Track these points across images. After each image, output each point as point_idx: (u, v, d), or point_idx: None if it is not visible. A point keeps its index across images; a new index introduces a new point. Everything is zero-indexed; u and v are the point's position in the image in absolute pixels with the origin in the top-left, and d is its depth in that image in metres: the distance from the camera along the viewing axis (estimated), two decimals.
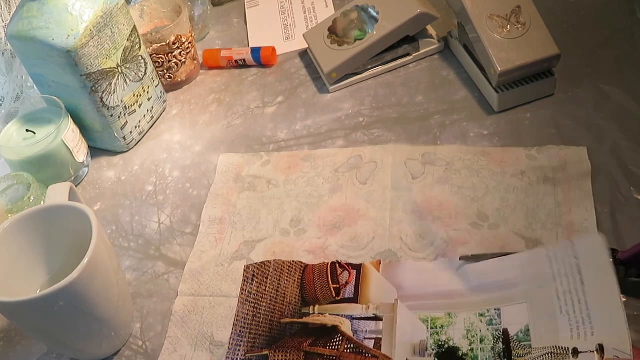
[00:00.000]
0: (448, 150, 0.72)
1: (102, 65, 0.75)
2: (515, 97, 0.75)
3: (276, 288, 0.64)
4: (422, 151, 0.73)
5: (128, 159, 0.83)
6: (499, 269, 0.58)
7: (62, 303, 0.54)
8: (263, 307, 0.63)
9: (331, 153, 0.76)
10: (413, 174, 0.71)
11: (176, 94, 0.90)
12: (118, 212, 0.76)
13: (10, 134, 0.78)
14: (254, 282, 0.64)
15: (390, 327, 0.58)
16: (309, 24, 0.95)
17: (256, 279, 0.65)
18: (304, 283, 0.63)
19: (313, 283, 0.63)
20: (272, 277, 0.64)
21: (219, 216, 0.72)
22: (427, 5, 0.82)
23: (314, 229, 0.68)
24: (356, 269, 0.63)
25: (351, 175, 0.72)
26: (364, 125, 0.78)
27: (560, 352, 0.51)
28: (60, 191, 0.62)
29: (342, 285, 0.63)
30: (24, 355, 0.65)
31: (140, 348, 0.63)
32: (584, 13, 0.85)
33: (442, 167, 0.71)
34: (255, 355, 0.59)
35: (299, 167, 0.75)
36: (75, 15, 0.72)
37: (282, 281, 0.64)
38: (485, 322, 0.56)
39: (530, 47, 0.72)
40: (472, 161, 0.71)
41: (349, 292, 0.62)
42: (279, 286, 0.64)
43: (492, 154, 0.71)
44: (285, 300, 0.63)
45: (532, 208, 0.65)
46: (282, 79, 0.88)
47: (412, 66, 0.84)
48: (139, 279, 0.69)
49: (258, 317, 0.62)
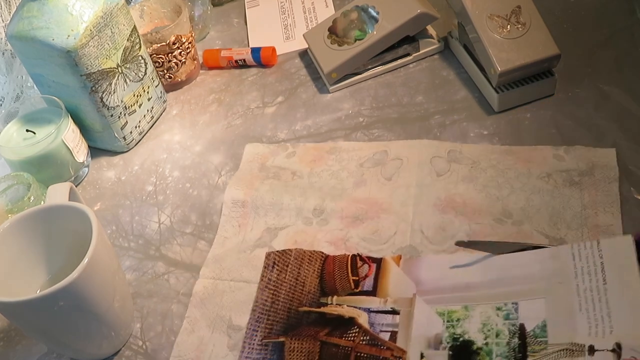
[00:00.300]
0: (474, 149, 0.72)
1: (102, 65, 0.75)
2: (515, 97, 0.75)
3: (296, 276, 0.64)
4: (448, 148, 0.72)
5: (128, 159, 0.83)
6: (519, 262, 0.58)
7: (62, 303, 0.54)
8: (282, 294, 0.63)
9: (356, 147, 0.75)
10: (438, 171, 0.70)
11: (176, 94, 0.90)
12: (118, 212, 0.76)
13: (10, 134, 0.78)
14: (275, 270, 0.65)
15: (406, 320, 0.58)
16: (309, 24, 0.95)
17: (277, 266, 0.65)
18: (323, 273, 0.64)
19: (333, 274, 0.63)
20: (293, 265, 0.65)
21: (241, 199, 0.72)
22: (427, 5, 0.82)
23: (336, 220, 0.68)
24: (376, 263, 0.63)
25: (376, 171, 0.72)
26: (364, 125, 0.78)
27: (576, 349, 0.51)
28: (60, 191, 0.62)
29: (361, 278, 0.63)
30: (24, 355, 0.65)
31: (140, 348, 0.63)
32: (584, 13, 0.85)
33: (467, 165, 0.70)
34: (271, 341, 0.60)
35: (323, 159, 0.75)
36: (75, 15, 0.72)
37: (302, 270, 0.64)
38: (502, 316, 0.56)
39: (530, 47, 0.72)
40: (498, 160, 0.70)
41: (368, 285, 0.62)
42: (298, 275, 0.64)
43: (519, 152, 0.70)
44: (304, 289, 0.63)
45: (558, 209, 0.64)
46: (282, 79, 0.88)
47: (412, 66, 0.84)
48: (139, 279, 0.69)
49: (276, 304, 0.62)
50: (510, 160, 0.69)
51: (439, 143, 0.73)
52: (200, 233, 0.72)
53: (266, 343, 0.60)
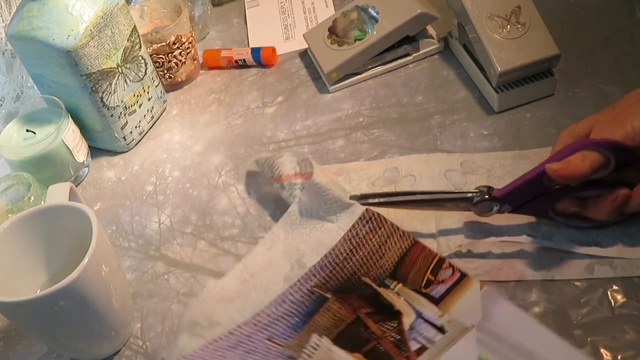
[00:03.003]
0: (487, 158, 0.70)
1: (102, 65, 0.75)
2: (515, 97, 0.75)
3: (380, 244, 0.62)
4: (460, 160, 0.70)
5: (128, 159, 0.83)
6: None
7: (62, 303, 0.54)
8: (358, 255, 0.61)
9: (364, 166, 0.72)
10: (455, 185, 0.68)
11: (176, 94, 0.90)
12: (118, 212, 0.76)
13: (10, 134, 0.78)
14: (366, 226, 0.63)
15: (444, 344, 0.56)
16: (309, 24, 0.95)
17: (369, 224, 0.63)
18: (405, 256, 0.61)
19: (413, 261, 0.61)
20: (383, 232, 0.62)
21: None
22: (427, 5, 0.82)
23: None
24: (459, 275, 0.59)
25: (390, 189, 0.70)
26: (364, 125, 0.78)
27: None
28: (60, 191, 0.62)
29: (436, 281, 0.59)
30: (24, 355, 0.65)
31: (140, 348, 0.63)
32: (584, 13, 0.85)
33: (483, 175, 0.68)
34: (319, 292, 0.59)
35: None
36: (75, 15, 0.72)
37: (389, 242, 0.62)
38: None
39: (530, 47, 0.72)
40: (512, 166, 0.68)
41: (438, 291, 0.59)
42: (383, 244, 0.62)
43: (531, 156, 0.69)
44: (379, 262, 0.61)
45: None
46: (282, 79, 0.88)
47: (412, 66, 0.84)
48: (139, 279, 0.69)
49: (347, 262, 0.61)
50: (524, 164, 0.68)
51: (449, 156, 0.71)
52: (200, 233, 0.72)
53: (314, 291, 0.59)
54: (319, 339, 0.58)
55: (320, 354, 0.57)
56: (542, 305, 0.57)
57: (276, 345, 0.58)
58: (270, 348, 0.58)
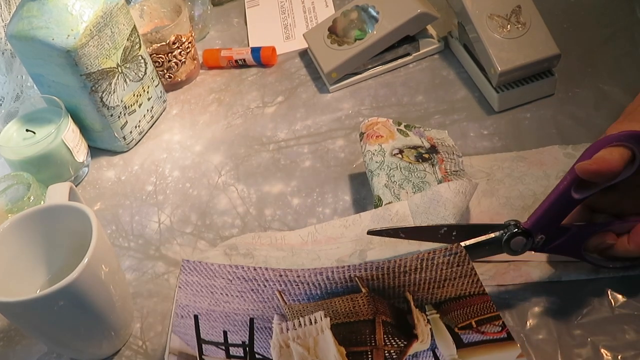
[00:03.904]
0: (483, 160, 0.70)
1: (102, 65, 0.75)
2: (515, 97, 0.75)
3: (446, 278, 0.56)
4: None
5: (128, 158, 0.83)
6: None
7: (62, 303, 0.54)
8: (418, 275, 0.56)
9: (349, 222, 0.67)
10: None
11: (176, 94, 0.90)
12: (118, 212, 0.76)
13: (10, 134, 0.78)
14: (446, 258, 0.56)
15: None
16: (309, 23, 0.95)
17: (451, 257, 0.56)
18: (463, 299, 0.56)
19: (467, 305, 0.55)
20: (457, 271, 0.56)
21: None
22: (427, 5, 0.82)
23: None
24: (504, 337, 0.53)
25: None
26: None
27: None
28: (60, 191, 0.62)
29: (476, 330, 0.54)
30: (24, 355, 0.65)
31: (140, 348, 0.63)
32: (584, 13, 0.85)
33: (483, 179, 0.67)
34: (357, 282, 0.56)
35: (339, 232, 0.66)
36: (75, 15, 0.72)
37: (457, 281, 0.56)
38: None
39: (530, 47, 0.72)
40: (511, 168, 0.68)
41: (471, 338, 0.53)
42: (449, 279, 0.56)
43: (529, 157, 0.69)
44: (434, 290, 0.56)
45: None
46: (282, 79, 0.88)
47: (412, 66, 0.84)
48: (139, 279, 0.69)
49: (404, 276, 0.56)
50: (523, 166, 0.68)
51: None
52: (200, 233, 0.72)
53: (353, 280, 0.56)
54: (323, 317, 0.55)
55: (310, 329, 0.54)
56: (542, 305, 0.57)
57: (281, 300, 0.56)
58: (273, 299, 0.56)
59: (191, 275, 0.58)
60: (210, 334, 0.55)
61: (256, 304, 0.57)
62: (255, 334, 0.55)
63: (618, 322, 0.55)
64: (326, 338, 0.54)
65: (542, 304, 0.57)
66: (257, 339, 0.55)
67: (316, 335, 0.55)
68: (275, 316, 0.56)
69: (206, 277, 0.58)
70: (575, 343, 0.54)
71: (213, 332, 0.55)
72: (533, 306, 0.57)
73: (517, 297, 0.58)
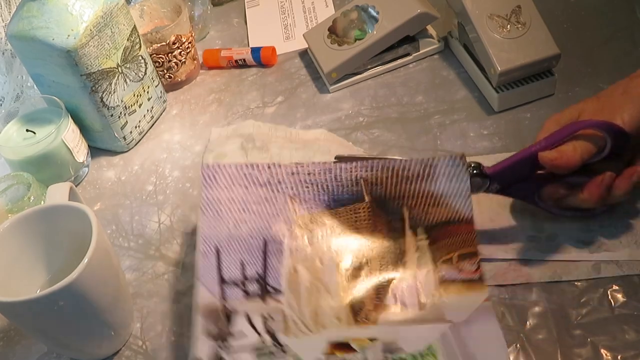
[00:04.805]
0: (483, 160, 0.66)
1: (102, 65, 0.75)
2: (515, 97, 0.75)
3: (442, 194, 0.58)
4: None
5: (128, 158, 0.83)
6: None
7: (62, 303, 0.54)
8: (417, 185, 0.58)
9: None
10: None
11: (176, 94, 0.90)
12: (118, 212, 0.76)
13: (10, 134, 0.78)
14: (447, 168, 0.59)
15: (412, 318, 0.55)
16: (309, 23, 0.95)
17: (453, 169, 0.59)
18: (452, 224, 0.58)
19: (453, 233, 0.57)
20: (454, 186, 0.58)
21: None
22: (427, 5, 0.82)
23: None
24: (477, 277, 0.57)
25: None
26: (364, 125, 0.78)
27: None
28: (60, 191, 0.62)
29: (455, 266, 0.57)
30: (24, 355, 0.65)
31: (140, 348, 0.63)
32: (584, 13, 0.85)
33: None
34: (362, 186, 0.59)
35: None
36: (75, 15, 0.72)
37: (451, 200, 0.59)
38: None
39: (530, 47, 0.72)
40: None
41: (449, 275, 0.57)
42: (445, 196, 0.59)
43: None
44: (429, 208, 0.58)
45: None
46: (282, 79, 0.88)
47: (412, 66, 0.84)
48: (139, 279, 0.69)
49: (405, 183, 0.58)
50: None
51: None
52: None
53: (359, 183, 0.58)
54: (328, 232, 0.57)
55: (317, 248, 0.57)
56: (542, 305, 0.57)
57: (292, 207, 0.58)
58: (285, 207, 0.59)
59: (212, 188, 0.59)
60: (230, 269, 0.57)
61: (270, 218, 0.58)
62: (267, 261, 0.57)
63: (618, 322, 0.55)
64: (332, 258, 0.56)
65: (542, 304, 0.57)
66: (270, 268, 0.57)
67: (321, 254, 0.56)
68: (287, 235, 0.58)
69: (225, 186, 0.59)
70: (575, 343, 0.54)
71: (232, 266, 0.57)
72: (533, 306, 0.57)
73: (517, 297, 0.58)
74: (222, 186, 0.59)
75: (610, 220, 0.62)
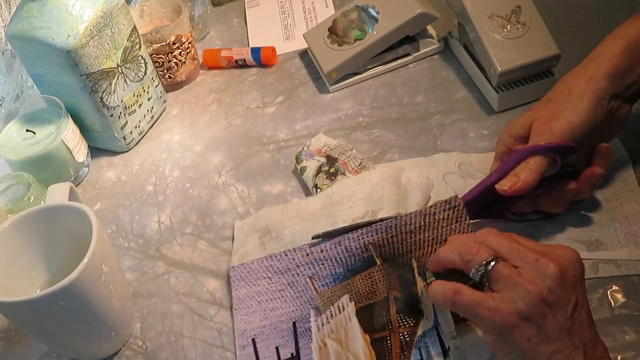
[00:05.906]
0: (483, 159, 0.70)
1: (102, 65, 0.75)
2: (515, 97, 0.75)
3: (445, 236, 0.60)
4: (457, 161, 0.70)
5: (128, 159, 0.83)
6: None
7: (62, 303, 0.54)
8: (422, 235, 0.60)
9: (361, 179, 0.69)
10: (455, 190, 0.67)
11: (176, 94, 0.90)
12: (118, 212, 0.76)
13: (10, 134, 0.78)
14: (446, 212, 0.60)
15: None
16: (309, 24, 0.95)
17: (450, 212, 0.60)
18: None
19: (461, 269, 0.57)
20: (455, 227, 0.60)
21: None
22: (427, 5, 0.82)
23: None
24: None
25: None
26: (364, 125, 0.78)
27: None
28: (60, 191, 0.62)
29: None
30: (24, 355, 0.65)
31: (140, 348, 0.63)
32: (584, 13, 0.85)
33: (481, 178, 0.65)
34: (372, 251, 0.60)
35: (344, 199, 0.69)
36: (75, 15, 0.72)
37: None
38: None
39: (530, 47, 0.72)
40: None
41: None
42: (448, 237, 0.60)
43: None
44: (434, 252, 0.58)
45: (583, 207, 0.63)
46: (282, 79, 0.88)
47: (412, 66, 0.84)
48: (139, 279, 0.69)
49: (410, 236, 0.60)
50: None
51: (446, 156, 0.71)
52: (200, 233, 0.72)
53: (368, 249, 0.60)
54: (348, 302, 0.59)
55: (341, 319, 0.58)
56: None
57: (312, 289, 0.61)
58: (306, 289, 0.62)
59: (240, 286, 0.64)
60: (266, 356, 0.60)
61: (294, 301, 0.62)
62: (299, 341, 0.60)
63: (618, 323, 0.55)
64: (354, 327, 0.57)
65: None
66: (302, 347, 0.60)
67: (345, 324, 0.58)
68: (312, 312, 0.60)
69: (251, 282, 0.64)
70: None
71: (268, 352, 0.60)
72: None
73: None
74: (249, 283, 0.64)
75: (609, 220, 0.62)
